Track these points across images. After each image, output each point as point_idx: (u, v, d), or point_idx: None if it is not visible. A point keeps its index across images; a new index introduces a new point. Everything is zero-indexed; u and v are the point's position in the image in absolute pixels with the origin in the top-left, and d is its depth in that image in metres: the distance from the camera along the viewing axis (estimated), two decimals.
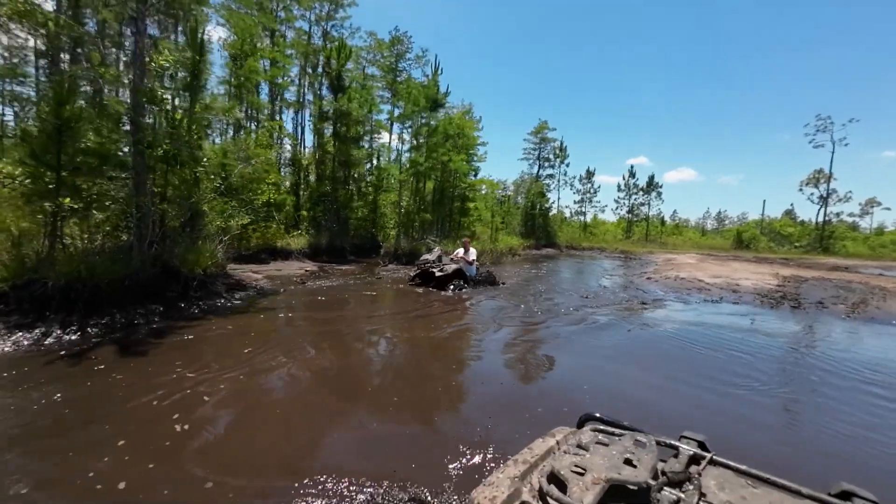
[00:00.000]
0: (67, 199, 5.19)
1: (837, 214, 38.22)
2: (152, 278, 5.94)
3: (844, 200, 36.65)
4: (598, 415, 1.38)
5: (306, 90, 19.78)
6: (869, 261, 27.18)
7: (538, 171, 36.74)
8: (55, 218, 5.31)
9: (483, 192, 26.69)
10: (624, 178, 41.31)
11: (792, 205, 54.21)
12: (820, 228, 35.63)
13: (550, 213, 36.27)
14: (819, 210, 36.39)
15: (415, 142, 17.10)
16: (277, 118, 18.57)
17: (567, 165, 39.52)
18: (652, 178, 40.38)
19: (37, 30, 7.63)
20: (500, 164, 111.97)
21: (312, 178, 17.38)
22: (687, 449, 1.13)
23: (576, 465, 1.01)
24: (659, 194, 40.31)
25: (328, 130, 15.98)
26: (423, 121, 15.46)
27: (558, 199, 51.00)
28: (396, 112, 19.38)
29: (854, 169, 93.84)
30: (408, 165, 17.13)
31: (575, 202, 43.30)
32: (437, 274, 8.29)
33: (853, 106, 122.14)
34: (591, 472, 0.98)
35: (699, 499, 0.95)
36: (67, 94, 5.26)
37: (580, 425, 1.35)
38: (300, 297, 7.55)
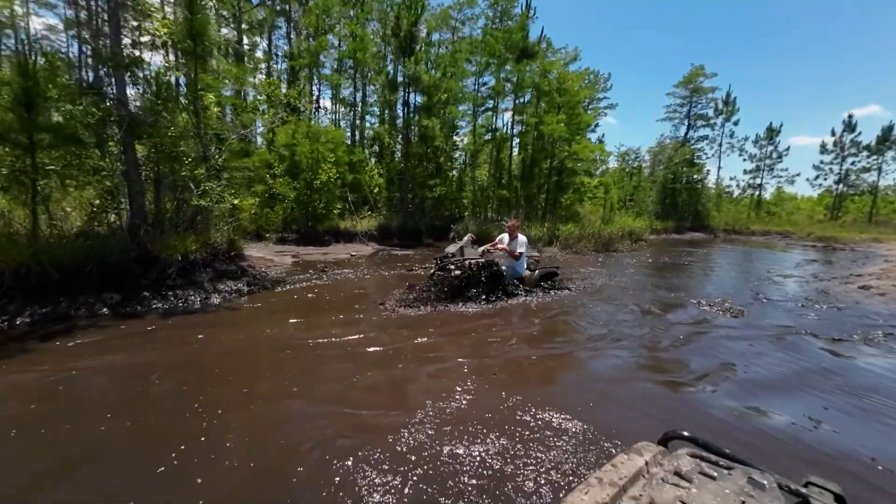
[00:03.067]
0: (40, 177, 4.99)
1: None
2: (124, 263, 5.50)
3: None
4: (686, 433, 1.09)
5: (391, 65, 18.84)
6: None
7: (686, 134, 28.66)
8: (33, 199, 5.21)
9: (601, 161, 21.98)
10: (834, 135, 28.98)
11: None
12: None
13: (704, 188, 28.09)
14: None
15: (492, 102, 14.35)
16: (363, 95, 18.24)
17: (735, 124, 29.86)
18: (890, 129, 27.15)
19: None
20: (635, 130, 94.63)
21: (397, 156, 16.55)
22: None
23: (681, 502, 0.80)
24: None
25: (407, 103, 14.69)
26: (504, 74, 12.61)
27: (718, 168, 39.51)
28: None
29: None
30: (485, 131, 14.55)
31: (746, 171, 32.69)
32: (453, 274, 5.72)
33: None
34: None
35: None
36: (32, 67, 4.98)
37: (664, 443, 1.10)
38: (289, 296, 6.22)
